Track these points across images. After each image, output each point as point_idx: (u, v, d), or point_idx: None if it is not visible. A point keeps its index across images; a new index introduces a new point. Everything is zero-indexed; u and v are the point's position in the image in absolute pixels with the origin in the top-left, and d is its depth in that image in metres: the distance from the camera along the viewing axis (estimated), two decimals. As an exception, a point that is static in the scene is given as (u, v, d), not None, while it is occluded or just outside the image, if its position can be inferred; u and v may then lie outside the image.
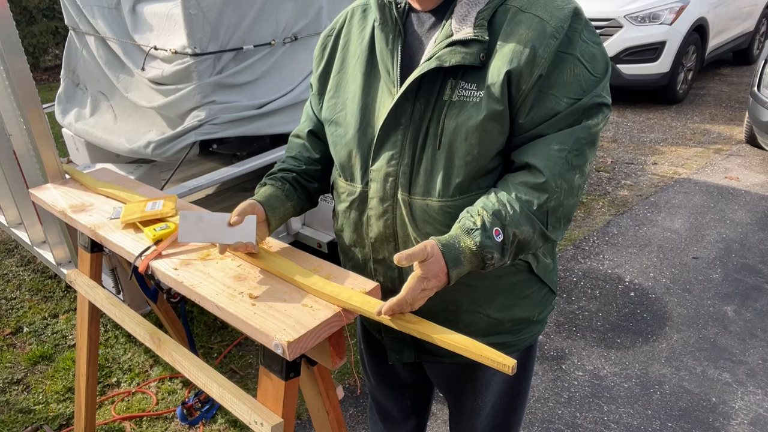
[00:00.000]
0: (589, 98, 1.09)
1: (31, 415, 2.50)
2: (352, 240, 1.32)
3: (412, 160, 1.16)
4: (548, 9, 1.08)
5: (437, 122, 1.13)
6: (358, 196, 1.26)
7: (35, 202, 1.98)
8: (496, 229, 1.07)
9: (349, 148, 1.24)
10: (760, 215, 3.97)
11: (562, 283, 3.31)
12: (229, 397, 1.27)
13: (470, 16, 1.10)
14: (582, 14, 1.11)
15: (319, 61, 1.34)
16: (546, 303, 1.36)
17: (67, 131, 3.50)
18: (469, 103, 1.10)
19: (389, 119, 1.16)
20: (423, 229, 1.19)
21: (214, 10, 2.63)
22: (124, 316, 1.65)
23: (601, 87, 1.11)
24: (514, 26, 1.08)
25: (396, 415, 1.74)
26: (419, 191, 1.17)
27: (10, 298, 3.36)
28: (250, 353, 2.84)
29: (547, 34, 1.06)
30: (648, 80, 6.07)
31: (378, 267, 1.29)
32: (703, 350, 2.74)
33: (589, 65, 1.09)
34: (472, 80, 1.10)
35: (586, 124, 1.09)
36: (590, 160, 1.13)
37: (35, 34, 8.83)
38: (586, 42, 1.10)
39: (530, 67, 1.06)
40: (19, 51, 2.03)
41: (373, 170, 1.21)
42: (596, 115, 1.10)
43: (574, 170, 1.10)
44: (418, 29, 1.19)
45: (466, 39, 1.09)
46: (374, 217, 1.24)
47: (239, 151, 3.11)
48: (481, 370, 1.40)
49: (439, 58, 1.10)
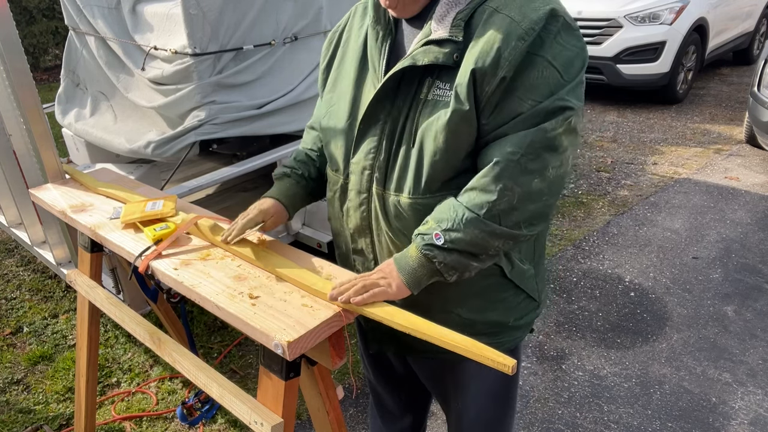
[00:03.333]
0: (551, 101, 1.06)
1: (31, 415, 2.50)
2: (336, 229, 1.38)
3: (388, 155, 1.19)
4: (522, 10, 1.06)
5: (413, 120, 1.15)
6: (340, 186, 1.31)
7: (35, 202, 1.98)
8: (436, 233, 1.10)
9: (336, 139, 1.29)
10: (760, 215, 3.97)
11: (562, 283, 3.31)
12: (229, 397, 1.27)
13: (449, 16, 1.11)
14: (559, 15, 1.07)
15: (324, 56, 1.39)
16: (525, 310, 1.34)
17: (67, 131, 3.50)
18: (441, 102, 1.11)
19: (369, 112, 1.20)
20: (394, 224, 1.22)
21: (214, 10, 2.63)
22: (124, 316, 1.65)
23: (567, 90, 1.07)
24: (487, 26, 1.08)
25: (393, 410, 1.75)
26: (392, 187, 1.20)
27: (10, 298, 3.36)
28: (250, 353, 2.84)
29: (516, 35, 1.05)
30: (648, 80, 6.07)
31: (357, 257, 1.34)
32: (703, 350, 2.74)
33: (561, 68, 1.06)
34: (446, 80, 1.11)
35: (542, 128, 1.06)
36: (552, 164, 1.09)
37: (35, 34, 8.83)
38: (562, 45, 1.07)
39: (494, 69, 1.05)
40: (19, 51, 2.04)
41: (353, 163, 1.25)
42: (555, 119, 1.07)
43: (530, 174, 1.07)
44: (407, 28, 1.22)
45: (441, 39, 1.10)
46: (352, 208, 1.28)
47: (239, 151, 3.11)
48: (459, 369, 1.39)
49: (413, 57, 1.12)
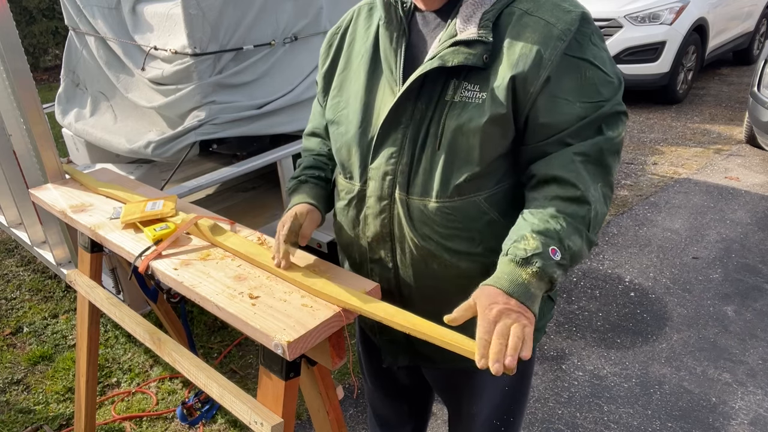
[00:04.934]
0: (609, 106, 1.08)
1: (31, 415, 2.50)
2: (349, 239, 1.31)
3: (411, 159, 1.15)
4: (555, 12, 1.07)
5: (438, 122, 1.12)
6: (357, 194, 1.25)
7: (35, 202, 1.98)
8: (552, 248, 1.03)
9: (349, 145, 1.24)
10: (760, 215, 3.97)
11: (562, 283, 3.31)
12: (229, 397, 1.27)
13: (475, 16, 1.09)
14: (591, 20, 1.09)
15: (324, 58, 1.34)
16: (545, 311, 1.35)
17: (67, 131, 3.50)
18: (471, 104, 1.09)
19: (390, 117, 1.16)
20: (420, 230, 1.18)
21: (214, 10, 2.63)
22: (124, 316, 1.65)
23: (620, 95, 1.10)
24: (520, 29, 1.07)
25: (393, 420, 1.72)
26: (417, 191, 1.16)
27: (10, 298, 3.36)
28: (250, 353, 2.84)
29: (554, 36, 1.06)
30: (648, 80, 6.07)
31: (374, 267, 1.28)
32: (703, 350, 2.74)
33: (604, 68, 1.08)
34: (475, 81, 1.09)
35: (608, 136, 1.09)
36: (615, 169, 1.13)
37: (35, 34, 8.83)
38: (597, 47, 1.09)
39: (537, 70, 1.05)
40: (19, 51, 2.03)
41: (371, 168, 1.20)
42: (617, 125, 1.10)
43: (602, 180, 1.10)
44: (423, 29, 1.18)
45: (470, 39, 1.08)
46: (371, 216, 1.23)
47: (239, 151, 3.11)
48: (476, 376, 1.38)
49: (441, 58, 1.09)
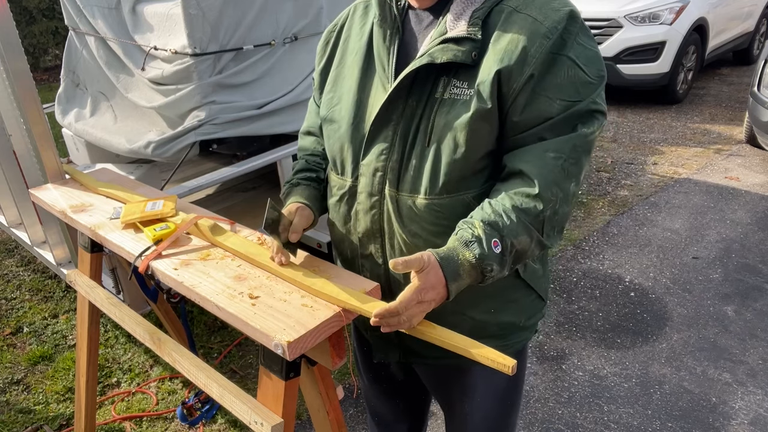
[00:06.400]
0: (585, 104, 1.08)
1: (31, 415, 2.50)
2: (341, 234, 1.32)
3: (401, 156, 1.17)
4: (543, 10, 1.08)
5: (428, 119, 1.13)
6: (348, 190, 1.26)
7: (35, 202, 1.98)
8: (495, 240, 1.05)
9: (341, 141, 1.25)
10: (760, 215, 3.97)
11: (562, 283, 3.31)
12: (229, 397, 1.27)
13: (465, 14, 1.10)
14: (578, 18, 1.10)
15: (321, 56, 1.36)
16: (534, 309, 1.35)
17: (67, 131, 3.50)
18: (460, 101, 1.10)
19: (381, 114, 1.17)
20: (409, 227, 1.19)
21: (214, 10, 2.63)
22: (124, 316, 1.65)
23: (597, 93, 1.09)
24: (508, 26, 1.08)
25: (389, 417, 1.72)
26: (407, 188, 1.17)
27: (10, 298, 3.36)
28: (250, 353, 2.84)
29: (540, 34, 1.06)
30: (648, 80, 6.07)
31: (365, 262, 1.29)
32: (703, 350, 2.74)
33: (585, 68, 1.08)
34: (464, 78, 1.10)
35: (582, 132, 1.08)
36: (585, 168, 1.12)
37: (35, 34, 8.83)
38: (582, 45, 1.09)
39: (521, 66, 1.06)
40: (19, 51, 2.04)
41: (363, 164, 1.22)
42: (592, 123, 1.09)
43: (570, 178, 1.09)
44: (416, 27, 1.20)
45: (459, 37, 1.09)
46: (362, 211, 1.24)
47: (239, 151, 3.11)
48: (468, 374, 1.38)
49: (431, 55, 1.10)
